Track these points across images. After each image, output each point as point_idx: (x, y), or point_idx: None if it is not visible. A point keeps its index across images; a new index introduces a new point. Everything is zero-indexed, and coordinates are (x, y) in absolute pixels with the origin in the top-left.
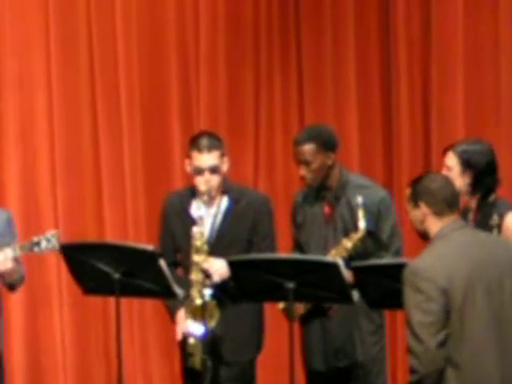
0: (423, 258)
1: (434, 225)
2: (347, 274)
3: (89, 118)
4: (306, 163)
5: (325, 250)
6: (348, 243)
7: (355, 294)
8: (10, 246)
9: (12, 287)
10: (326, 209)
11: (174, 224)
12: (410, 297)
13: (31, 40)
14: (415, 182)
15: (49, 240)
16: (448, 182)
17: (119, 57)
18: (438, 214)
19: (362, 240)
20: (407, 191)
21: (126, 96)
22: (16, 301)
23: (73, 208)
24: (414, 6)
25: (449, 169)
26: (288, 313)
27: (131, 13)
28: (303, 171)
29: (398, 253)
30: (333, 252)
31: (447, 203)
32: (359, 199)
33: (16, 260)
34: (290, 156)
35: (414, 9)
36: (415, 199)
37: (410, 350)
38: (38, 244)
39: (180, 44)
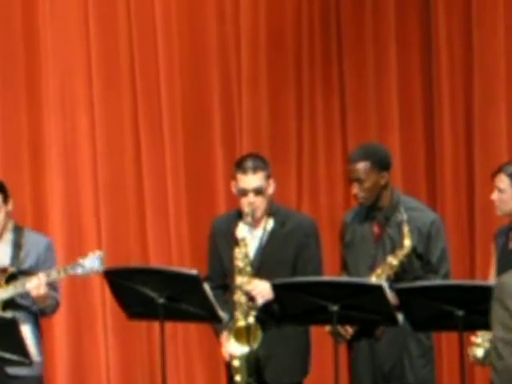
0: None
1: None
2: (392, 296)
3: (131, 140)
4: (359, 181)
5: (373, 269)
6: (394, 260)
7: (400, 316)
8: (54, 269)
9: (43, 313)
10: (376, 229)
11: (221, 247)
12: (495, 311)
13: (73, 62)
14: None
15: (94, 261)
16: None
17: (161, 79)
18: None
19: (408, 257)
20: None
21: (169, 119)
22: (60, 325)
23: (116, 231)
24: (455, 30)
25: (501, 191)
26: (335, 335)
27: (173, 35)
28: (356, 189)
29: (446, 276)
30: (378, 271)
31: None
32: (404, 216)
33: (50, 285)
34: (333, 179)
35: (456, 32)
36: None
37: (493, 365)
38: (83, 266)
39: (222, 68)
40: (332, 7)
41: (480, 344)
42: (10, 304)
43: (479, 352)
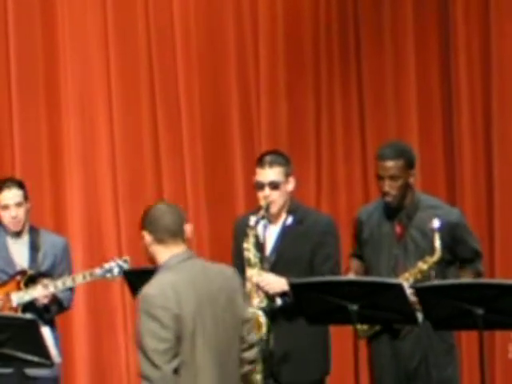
0: (154, 286)
1: (160, 252)
2: (411, 295)
3: (150, 144)
4: (393, 179)
5: (395, 269)
6: (424, 266)
7: (420, 315)
8: (80, 274)
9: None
10: (398, 228)
11: (242, 244)
12: (144, 323)
13: (92, 69)
14: (144, 211)
15: (121, 267)
16: (172, 211)
17: (180, 84)
18: (161, 242)
19: (438, 263)
20: None
21: (187, 122)
22: (80, 326)
23: (136, 233)
24: (473, 30)
25: None
26: (357, 331)
27: (191, 40)
28: (387, 187)
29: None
30: (406, 274)
31: (169, 232)
32: (435, 223)
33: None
34: (351, 179)
35: (474, 32)
36: (141, 227)
37: (143, 376)
38: (110, 270)
39: (240, 70)
40: (349, 9)
41: None
42: (29, 306)
43: None
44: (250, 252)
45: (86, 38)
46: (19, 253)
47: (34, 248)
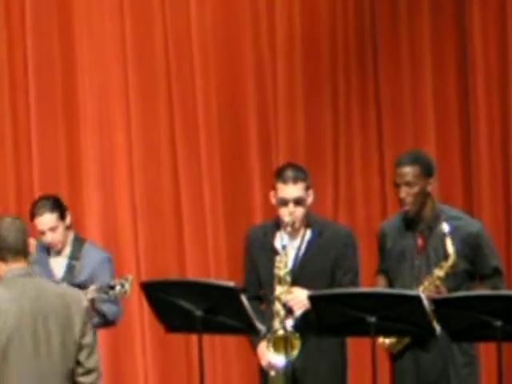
0: None
1: (0, 269)
2: (429, 307)
3: (168, 158)
4: (409, 185)
5: (418, 281)
6: (440, 272)
7: (437, 327)
8: (87, 288)
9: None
10: (420, 240)
11: (258, 257)
12: None
13: (110, 79)
14: None
15: (123, 285)
16: (16, 228)
17: (198, 97)
18: (2, 259)
19: (454, 267)
20: None
21: (205, 133)
22: (98, 339)
23: (154, 245)
24: (491, 40)
25: None
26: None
27: (209, 51)
28: (403, 193)
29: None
30: (426, 283)
31: (11, 251)
32: (445, 227)
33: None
34: (369, 191)
35: (492, 43)
36: None
37: None
38: (112, 287)
39: (258, 82)
40: (367, 23)
41: None
42: None
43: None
44: (281, 269)
45: (104, 53)
46: (58, 264)
47: (72, 260)
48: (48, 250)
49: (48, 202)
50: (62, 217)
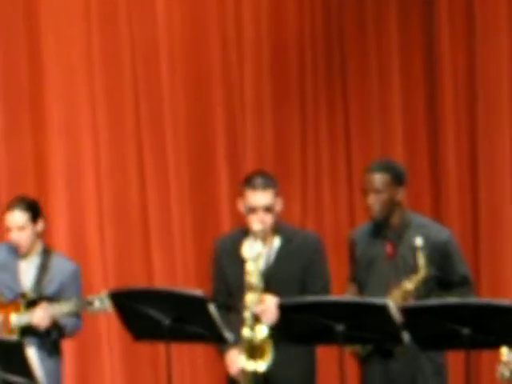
0: None
1: None
2: (397, 315)
3: (136, 166)
4: (377, 192)
5: (387, 288)
6: (409, 285)
7: (406, 336)
8: (65, 302)
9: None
10: (389, 248)
11: (227, 266)
12: None
13: (77, 87)
14: None
15: (102, 301)
16: None
17: (165, 103)
18: None
19: (425, 282)
20: None
21: (173, 141)
22: (66, 348)
23: (121, 254)
24: (459, 49)
25: None
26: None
27: (176, 59)
28: (371, 200)
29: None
30: (395, 293)
31: None
32: (419, 241)
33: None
34: (337, 198)
35: (460, 51)
36: None
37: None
38: (91, 303)
39: (226, 89)
40: (334, 28)
41: (507, 363)
42: (29, 329)
43: (506, 371)
44: (253, 276)
45: (71, 58)
46: (26, 273)
47: (41, 271)
48: (16, 252)
49: (24, 201)
50: (34, 221)
